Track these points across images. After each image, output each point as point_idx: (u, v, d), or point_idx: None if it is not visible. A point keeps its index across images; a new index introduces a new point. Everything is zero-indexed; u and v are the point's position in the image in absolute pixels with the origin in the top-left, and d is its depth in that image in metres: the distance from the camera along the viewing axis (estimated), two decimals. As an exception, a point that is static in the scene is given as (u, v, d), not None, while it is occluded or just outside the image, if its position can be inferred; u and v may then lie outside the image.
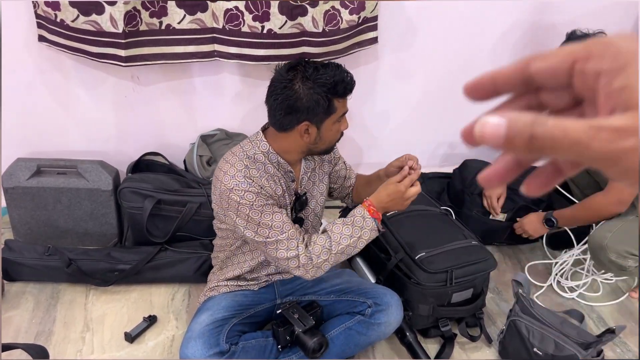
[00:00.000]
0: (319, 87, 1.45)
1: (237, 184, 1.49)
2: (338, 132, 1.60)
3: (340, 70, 1.50)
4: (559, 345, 1.67)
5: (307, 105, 1.46)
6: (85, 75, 2.10)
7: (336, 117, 1.53)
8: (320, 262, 1.52)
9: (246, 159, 1.55)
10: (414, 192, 1.54)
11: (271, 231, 1.51)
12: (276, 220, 1.51)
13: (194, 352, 1.52)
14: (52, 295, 2.02)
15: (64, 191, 2.11)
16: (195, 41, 2.02)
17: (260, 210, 1.50)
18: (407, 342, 1.80)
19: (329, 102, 1.48)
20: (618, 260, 1.93)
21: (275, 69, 1.54)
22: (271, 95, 1.51)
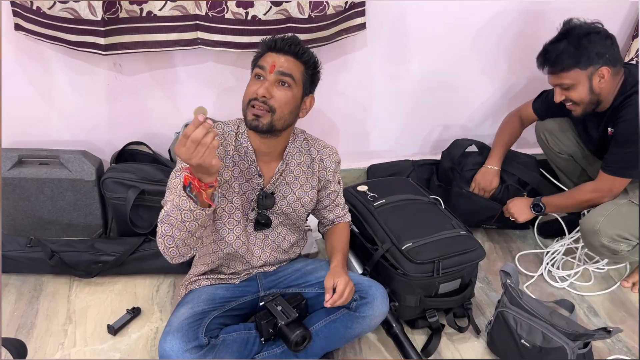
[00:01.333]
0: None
1: None
2: (248, 88, 1.56)
3: (292, 35, 1.60)
4: (546, 337, 1.65)
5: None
6: (66, 63, 2.05)
7: (255, 70, 1.56)
8: (157, 233, 1.47)
9: (220, 132, 1.58)
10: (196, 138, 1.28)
11: (170, 193, 1.50)
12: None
13: (172, 347, 1.49)
14: (35, 287, 2.00)
15: (47, 182, 2.08)
16: (178, 28, 1.97)
17: (180, 170, 1.50)
18: (393, 334, 1.78)
19: (259, 52, 1.58)
20: (610, 245, 1.90)
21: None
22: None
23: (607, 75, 1.86)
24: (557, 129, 2.22)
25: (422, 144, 2.68)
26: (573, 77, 1.87)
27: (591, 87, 1.88)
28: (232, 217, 1.63)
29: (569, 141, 2.21)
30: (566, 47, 1.85)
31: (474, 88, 2.56)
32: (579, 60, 1.84)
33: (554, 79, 1.92)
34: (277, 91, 1.53)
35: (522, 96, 2.63)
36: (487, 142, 2.69)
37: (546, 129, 2.25)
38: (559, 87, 1.93)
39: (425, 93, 2.50)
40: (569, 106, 1.97)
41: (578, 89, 1.89)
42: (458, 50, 2.41)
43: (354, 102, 2.45)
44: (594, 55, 1.84)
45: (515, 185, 2.31)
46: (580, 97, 1.91)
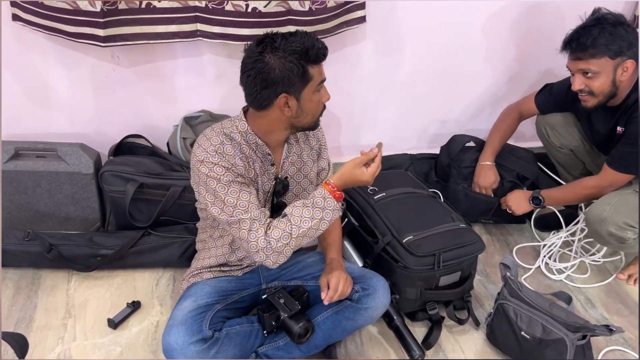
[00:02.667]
0: (290, 54, 1.41)
1: (207, 157, 1.48)
2: (319, 103, 1.55)
3: (310, 36, 1.45)
4: (546, 329, 1.66)
5: (282, 76, 1.42)
6: (63, 55, 2.03)
7: (314, 85, 1.49)
8: (280, 246, 1.47)
9: (223, 135, 1.54)
10: (374, 172, 1.52)
11: (235, 210, 1.48)
12: (242, 199, 1.48)
13: (177, 340, 1.48)
14: (32, 281, 1.98)
15: (44, 175, 2.06)
16: (177, 20, 1.95)
17: (227, 186, 1.48)
18: (394, 326, 1.78)
19: (303, 69, 1.44)
20: (618, 232, 1.92)
21: (244, 48, 1.50)
22: (244, 74, 1.47)
23: (630, 69, 1.85)
24: (559, 123, 2.22)
25: (420, 138, 2.69)
26: (601, 65, 1.83)
27: (614, 78, 1.86)
28: None
29: (571, 136, 2.21)
30: (601, 32, 1.80)
31: (473, 82, 2.57)
32: (612, 47, 1.81)
33: (580, 64, 1.87)
34: None
35: (519, 88, 2.64)
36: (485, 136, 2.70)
37: (548, 123, 2.24)
38: (581, 73, 1.88)
39: (424, 86, 2.50)
40: (583, 97, 1.93)
41: (601, 78, 1.85)
42: (457, 44, 2.42)
43: (353, 95, 2.45)
44: (625, 46, 1.82)
45: (515, 181, 2.32)
46: (601, 88, 1.87)
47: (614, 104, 1.96)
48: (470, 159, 2.35)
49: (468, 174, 2.32)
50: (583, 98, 1.94)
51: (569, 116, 2.20)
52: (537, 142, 2.79)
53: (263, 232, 1.47)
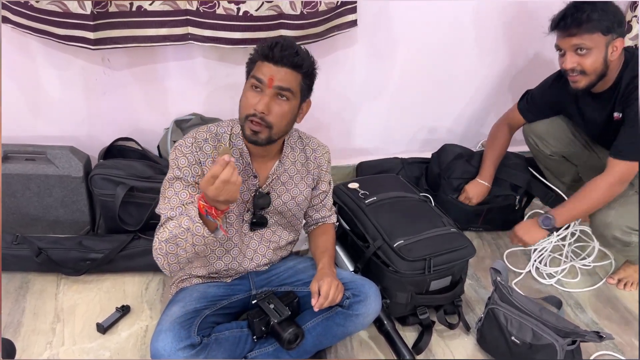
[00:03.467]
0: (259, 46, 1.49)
1: (181, 144, 1.52)
2: (244, 104, 1.49)
3: (289, 41, 1.50)
4: (536, 334, 1.67)
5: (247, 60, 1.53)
6: (53, 57, 2.02)
7: (250, 81, 1.49)
8: (156, 248, 1.45)
9: (213, 134, 1.56)
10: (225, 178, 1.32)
11: (165, 204, 1.50)
12: (180, 196, 1.49)
13: (164, 346, 1.47)
14: (21, 285, 1.96)
15: (33, 178, 2.04)
16: (168, 23, 1.94)
17: (174, 179, 1.50)
18: (385, 331, 1.78)
19: (252, 60, 1.51)
20: (623, 237, 1.92)
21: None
22: None
23: (619, 48, 1.84)
24: (545, 131, 2.21)
25: (411, 142, 2.69)
26: (594, 41, 1.82)
27: (606, 56, 1.84)
28: (227, 219, 1.62)
29: (560, 142, 2.20)
30: (594, 8, 1.80)
31: (464, 87, 2.57)
32: (604, 23, 1.80)
33: (573, 40, 1.84)
34: (275, 106, 1.48)
35: (510, 95, 2.65)
36: (476, 143, 2.71)
37: (535, 132, 2.23)
38: (573, 51, 1.85)
39: (414, 91, 2.51)
40: (573, 77, 1.89)
41: (593, 55, 1.83)
42: (448, 49, 2.42)
43: (343, 98, 2.45)
44: (616, 23, 1.81)
45: (508, 192, 2.33)
46: (593, 66, 1.85)
47: (603, 88, 1.94)
48: (460, 171, 2.34)
49: (458, 185, 2.32)
50: (574, 79, 1.90)
51: (555, 121, 2.19)
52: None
53: (160, 229, 1.49)
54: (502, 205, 2.34)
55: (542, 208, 2.46)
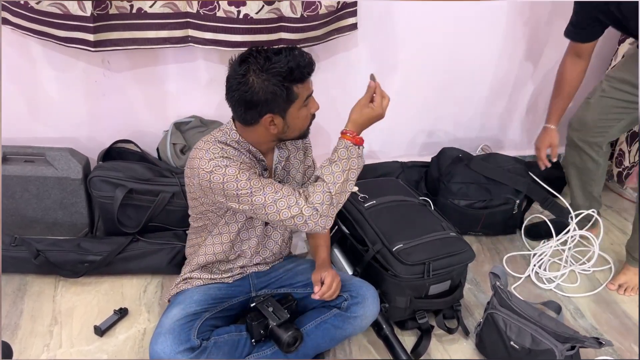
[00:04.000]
0: (273, 77, 1.40)
1: (216, 165, 1.46)
2: (307, 117, 1.55)
3: (294, 55, 1.44)
4: (535, 340, 1.66)
5: (265, 98, 1.41)
6: (53, 59, 2.02)
7: (300, 102, 1.49)
8: (324, 209, 1.47)
9: (219, 143, 1.53)
10: (386, 104, 1.56)
11: (266, 195, 1.46)
12: (266, 183, 1.48)
13: (164, 348, 1.47)
14: (19, 287, 1.96)
15: (32, 180, 2.04)
16: (168, 26, 1.94)
17: (248, 179, 1.46)
18: (383, 335, 1.77)
19: (287, 90, 1.43)
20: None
21: (229, 62, 1.49)
22: (228, 92, 1.48)
23: None
24: (592, 119, 2.14)
25: (411, 145, 2.69)
26: None
27: None
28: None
29: (613, 116, 2.11)
30: None
31: (463, 90, 2.57)
32: None
33: None
34: None
35: (509, 98, 2.65)
36: (476, 147, 2.71)
37: (582, 122, 2.17)
38: None
39: (415, 94, 2.51)
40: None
41: None
42: (448, 53, 2.43)
43: (343, 101, 2.43)
44: None
45: (509, 196, 2.32)
46: None
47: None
48: (460, 175, 2.33)
49: (457, 190, 2.31)
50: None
51: (602, 101, 2.12)
52: (527, 150, 2.82)
53: (303, 201, 1.46)
54: (502, 209, 2.33)
55: (542, 213, 2.45)
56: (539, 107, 2.74)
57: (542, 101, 2.72)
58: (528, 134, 2.82)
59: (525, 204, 2.42)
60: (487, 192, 2.30)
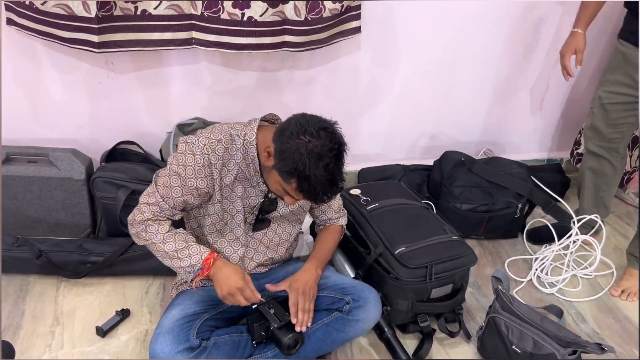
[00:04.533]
0: (305, 170, 1.37)
1: (193, 142, 1.48)
2: (277, 191, 1.51)
3: (335, 187, 1.43)
4: (537, 344, 1.66)
5: (285, 157, 1.38)
6: (57, 60, 2.02)
7: (284, 186, 1.45)
8: (133, 232, 1.58)
9: (227, 135, 1.51)
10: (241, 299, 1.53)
11: (152, 189, 1.53)
12: (172, 192, 1.50)
13: (163, 348, 1.47)
14: (20, 287, 1.96)
15: (35, 180, 2.04)
16: (172, 28, 1.95)
17: (174, 174, 1.48)
18: (385, 338, 1.78)
19: (298, 178, 1.40)
20: None
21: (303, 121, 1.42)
22: (284, 130, 1.41)
23: None
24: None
25: (412, 149, 2.69)
26: None
27: None
28: (234, 219, 1.62)
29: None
30: None
31: (467, 94, 2.57)
32: None
33: None
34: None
35: (511, 102, 2.65)
36: (478, 151, 2.71)
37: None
38: None
39: (417, 98, 2.51)
40: None
41: None
42: (451, 56, 2.43)
43: (345, 104, 2.45)
44: None
45: (510, 200, 2.32)
46: None
47: None
48: (462, 179, 2.34)
49: (459, 194, 2.32)
50: None
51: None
52: (532, 154, 2.82)
53: (150, 215, 1.53)
54: (504, 213, 2.33)
55: (544, 217, 2.45)
56: (540, 112, 2.74)
57: (544, 105, 2.73)
58: (530, 138, 2.82)
59: (527, 208, 2.42)
60: (489, 196, 2.30)
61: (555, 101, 2.73)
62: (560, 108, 2.76)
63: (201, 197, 1.54)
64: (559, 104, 2.74)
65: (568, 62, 2.14)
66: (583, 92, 2.70)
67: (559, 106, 2.75)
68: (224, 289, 1.51)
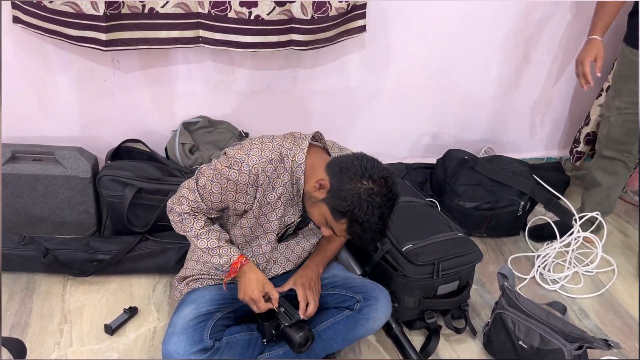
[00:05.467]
0: (361, 215, 1.37)
1: (243, 160, 1.45)
2: (318, 222, 1.50)
3: (383, 235, 1.45)
4: (544, 339, 1.68)
5: (343, 197, 1.38)
6: (63, 58, 2.02)
7: (331, 222, 1.45)
8: (171, 219, 1.60)
9: (278, 154, 1.49)
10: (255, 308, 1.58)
11: (195, 186, 1.53)
12: (212, 198, 1.52)
13: (177, 349, 1.47)
14: (27, 285, 1.95)
15: (40, 178, 2.04)
16: (180, 26, 1.95)
17: (220, 177, 1.48)
18: (393, 335, 1.79)
19: (343, 218, 1.40)
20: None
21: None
22: (345, 169, 1.41)
23: None
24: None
25: (414, 147, 2.70)
26: None
27: None
28: (266, 235, 1.62)
29: None
30: None
31: (470, 93, 2.59)
32: None
33: None
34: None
35: (513, 99, 2.68)
36: (480, 148, 2.73)
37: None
38: None
39: (419, 96, 2.52)
40: None
41: None
42: (455, 55, 2.45)
43: (348, 102, 2.46)
44: None
45: (513, 198, 2.34)
46: None
47: None
48: (465, 177, 2.35)
49: (463, 192, 2.33)
50: None
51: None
52: (532, 152, 2.85)
53: (188, 209, 1.55)
54: (507, 211, 2.35)
55: (545, 214, 2.48)
56: (540, 111, 2.77)
57: (544, 104, 2.75)
58: (529, 136, 2.84)
59: (529, 206, 2.44)
60: (492, 194, 2.32)
61: (555, 100, 2.75)
62: (560, 107, 2.79)
63: (236, 211, 1.55)
64: (559, 103, 2.77)
65: (588, 69, 2.07)
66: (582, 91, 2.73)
67: (558, 105, 2.78)
68: (241, 295, 1.57)
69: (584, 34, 2.15)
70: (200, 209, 1.56)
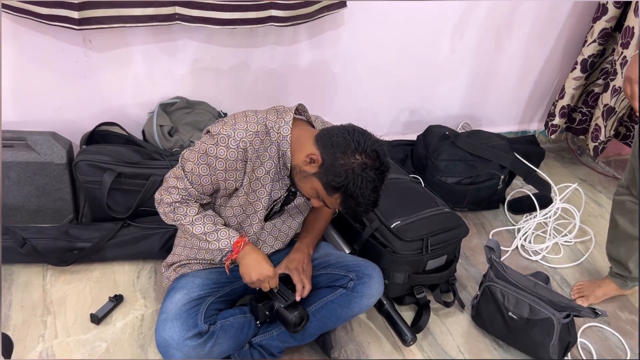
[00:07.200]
0: (355, 189, 1.36)
1: (229, 134, 1.41)
2: (309, 195, 1.49)
3: (375, 206, 1.44)
4: (533, 309, 1.71)
5: (337, 172, 1.36)
6: (31, 38, 1.91)
7: (324, 197, 1.43)
8: (161, 211, 1.56)
9: (262, 127, 1.46)
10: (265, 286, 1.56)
11: (181, 173, 1.50)
12: (202, 180, 1.48)
13: (172, 335, 1.44)
14: (4, 277, 1.88)
15: (12, 165, 1.95)
16: (155, 3, 1.87)
17: (206, 157, 1.44)
18: (385, 311, 1.80)
19: (343, 194, 1.39)
20: None
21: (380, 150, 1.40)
22: (337, 144, 1.38)
23: None
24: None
25: (393, 124, 2.70)
26: None
27: None
28: (257, 213, 1.57)
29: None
30: None
31: (447, 69, 2.59)
32: None
33: None
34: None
35: (490, 76, 2.69)
36: (456, 123, 2.75)
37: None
38: None
39: (398, 73, 2.51)
40: None
41: None
42: (432, 31, 2.44)
43: (327, 79, 2.43)
44: None
45: (493, 172, 2.36)
46: None
47: None
48: (447, 152, 2.36)
49: (444, 167, 2.34)
50: None
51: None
52: (508, 126, 2.88)
53: (178, 197, 1.51)
54: (487, 185, 2.37)
55: (523, 187, 2.51)
56: (514, 85, 2.79)
57: (518, 79, 2.78)
58: (504, 111, 2.87)
59: (507, 180, 2.47)
60: (473, 169, 2.34)
61: (529, 74, 2.78)
62: (533, 81, 2.82)
63: (227, 190, 1.51)
64: (532, 77, 2.80)
65: (637, 88, 1.59)
66: (554, 65, 2.77)
67: (532, 79, 2.81)
68: (253, 275, 1.52)
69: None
70: (192, 196, 1.51)
